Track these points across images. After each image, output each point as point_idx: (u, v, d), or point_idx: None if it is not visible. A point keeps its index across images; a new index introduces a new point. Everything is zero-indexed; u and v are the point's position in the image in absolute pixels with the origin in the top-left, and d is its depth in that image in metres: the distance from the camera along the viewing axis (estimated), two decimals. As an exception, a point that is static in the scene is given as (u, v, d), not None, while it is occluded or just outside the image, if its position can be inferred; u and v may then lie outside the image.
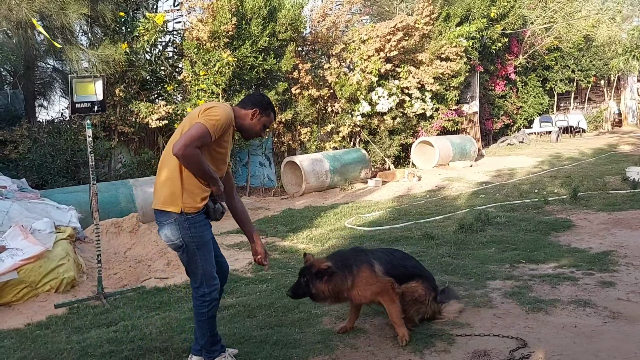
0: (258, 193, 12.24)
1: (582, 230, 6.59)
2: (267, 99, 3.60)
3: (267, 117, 3.54)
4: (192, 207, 3.28)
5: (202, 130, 3.15)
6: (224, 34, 10.62)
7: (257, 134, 3.58)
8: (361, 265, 3.82)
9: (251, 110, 3.47)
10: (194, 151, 3.13)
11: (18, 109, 10.35)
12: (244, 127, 3.49)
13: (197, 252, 3.34)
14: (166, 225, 3.31)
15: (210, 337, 3.45)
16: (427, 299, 3.93)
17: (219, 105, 3.34)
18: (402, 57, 13.73)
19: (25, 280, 5.12)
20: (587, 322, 3.83)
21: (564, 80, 21.07)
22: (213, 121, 3.19)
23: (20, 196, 7.07)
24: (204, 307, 3.39)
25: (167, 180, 3.30)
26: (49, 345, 4.15)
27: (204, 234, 3.36)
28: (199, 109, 3.32)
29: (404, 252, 4.45)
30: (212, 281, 3.41)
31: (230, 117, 3.31)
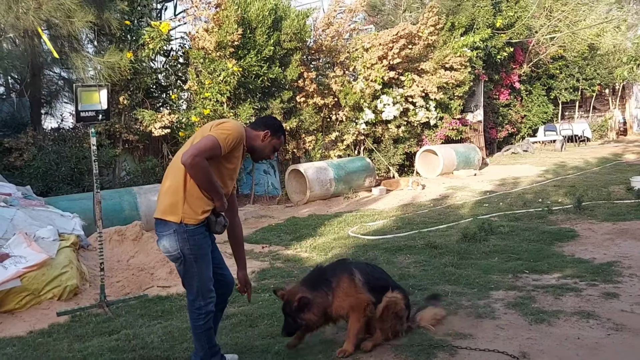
0: (262, 201, 12.25)
1: (586, 240, 6.56)
2: (279, 123, 3.66)
3: (278, 140, 3.58)
4: (193, 219, 3.26)
5: (213, 142, 3.16)
6: (230, 43, 10.68)
7: (267, 155, 3.61)
8: (341, 275, 3.80)
9: (263, 132, 3.50)
10: (203, 162, 3.13)
11: (24, 116, 10.42)
12: (254, 148, 3.52)
13: (194, 264, 3.31)
14: (165, 236, 3.29)
15: (209, 349, 3.43)
16: (404, 315, 3.90)
17: (232, 121, 3.37)
18: (405, 65, 13.77)
19: (28, 287, 5.13)
20: (591, 334, 3.80)
21: (569, 89, 21.07)
22: (225, 135, 3.21)
23: (25, 203, 7.09)
24: (200, 319, 3.36)
25: (170, 189, 3.30)
26: (50, 353, 4.15)
27: (202, 246, 3.34)
28: (212, 123, 3.35)
29: (382, 269, 4.43)
30: (208, 294, 3.38)
31: (242, 134, 3.33)
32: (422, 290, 5.08)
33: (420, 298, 4.83)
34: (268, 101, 11.84)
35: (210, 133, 3.22)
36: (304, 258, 6.72)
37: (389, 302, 3.80)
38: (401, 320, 3.88)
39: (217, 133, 3.21)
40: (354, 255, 6.53)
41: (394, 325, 3.86)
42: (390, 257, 6.35)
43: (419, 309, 4.22)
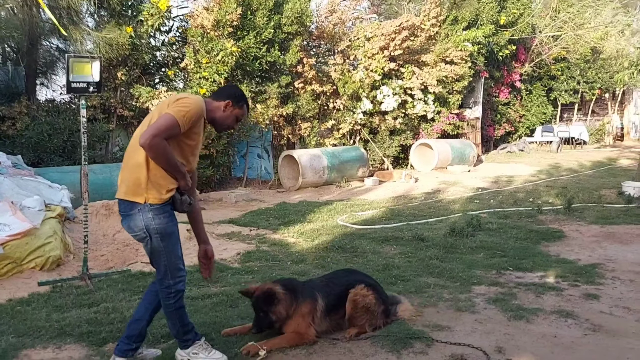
0: (254, 185, 12.24)
1: (572, 241, 6.57)
2: (241, 92, 3.51)
3: (240, 110, 3.45)
4: (157, 199, 3.17)
5: (170, 121, 3.03)
6: (228, 23, 10.59)
7: (229, 126, 3.48)
8: (306, 298, 3.79)
9: (224, 102, 3.37)
10: (161, 142, 3.01)
11: (19, 85, 10.32)
12: (216, 119, 3.39)
13: (160, 243, 3.22)
14: (129, 216, 3.20)
15: (181, 327, 3.39)
16: (377, 309, 3.89)
17: (190, 96, 3.25)
18: (406, 57, 13.71)
19: (11, 256, 5.11)
20: (568, 333, 3.82)
21: (569, 91, 21.06)
22: (183, 112, 3.08)
23: (13, 172, 7.06)
24: (170, 298, 3.30)
25: (133, 170, 3.18)
26: (28, 321, 4.14)
27: (168, 225, 3.24)
28: (170, 99, 3.21)
29: (346, 269, 4.43)
30: (176, 273, 3.31)
31: (202, 109, 3.21)
32: (404, 281, 5.08)
33: (403, 288, 4.85)
34: (265, 85, 11.77)
35: (168, 111, 3.07)
36: (291, 243, 6.72)
37: (353, 297, 3.84)
38: (374, 313, 3.87)
39: (175, 111, 3.07)
40: (340, 243, 6.53)
41: (368, 319, 3.85)
42: (377, 247, 6.35)
43: (397, 302, 4.19)
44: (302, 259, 5.95)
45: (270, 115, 11.80)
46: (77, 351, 3.64)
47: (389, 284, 4.97)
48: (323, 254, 6.14)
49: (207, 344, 3.47)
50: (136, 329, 3.38)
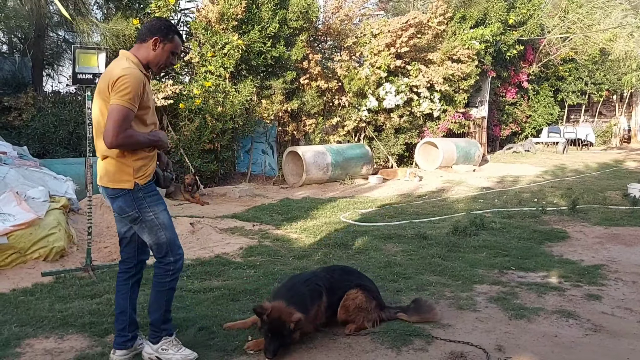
0: (258, 180, 12.25)
1: (576, 242, 6.55)
2: (166, 22, 3.26)
3: (172, 43, 3.22)
4: (147, 176, 3.19)
5: (122, 112, 2.97)
6: (233, 16, 10.59)
7: (167, 63, 3.27)
8: (315, 302, 3.77)
9: (151, 40, 3.16)
10: (126, 135, 3.00)
11: (25, 76, 10.36)
12: (150, 62, 3.19)
13: (156, 221, 3.20)
14: (119, 198, 3.17)
15: (165, 313, 3.32)
16: (370, 305, 3.89)
17: (126, 72, 3.02)
18: (413, 54, 13.67)
19: (15, 246, 5.13)
20: (568, 333, 3.81)
21: (576, 92, 20.97)
22: (127, 96, 2.98)
23: (19, 163, 7.08)
24: (167, 276, 3.26)
25: (113, 161, 3.15)
26: (31, 311, 4.17)
27: (158, 203, 3.24)
28: (107, 83, 3.04)
29: (344, 267, 4.37)
30: (176, 249, 3.28)
31: (140, 79, 3.05)
32: (406, 278, 5.08)
33: (404, 286, 4.85)
34: (271, 80, 11.77)
35: (114, 102, 2.98)
36: (293, 239, 6.72)
37: (344, 303, 3.88)
38: (367, 310, 3.87)
39: (120, 99, 2.97)
40: (342, 240, 6.53)
41: (363, 316, 3.86)
42: (379, 245, 6.35)
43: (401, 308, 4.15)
44: (304, 254, 5.95)
45: (275, 111, 11.81)
46: (79, 341, 3.66)
47: (390, 282, 4.98)
48: (325, 250, 6.14)
49: (177, 340, 3.39)
50: (124, 320, 3.37)
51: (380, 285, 4.77)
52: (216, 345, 3.58)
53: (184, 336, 3.71)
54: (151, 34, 3.18)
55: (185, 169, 10.54)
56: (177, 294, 4.55)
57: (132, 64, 3.11)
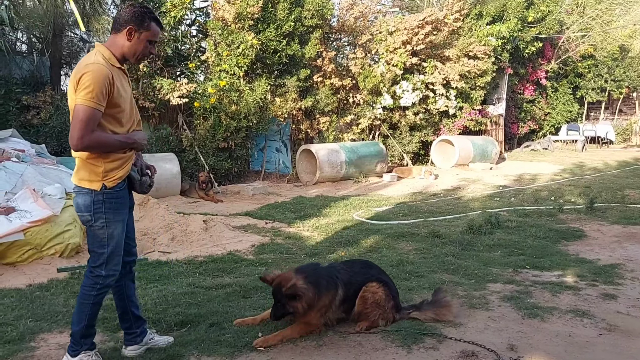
0: (272, 178, 12.28)
1: (593, 241, 6.45)
2: (141, 9, 2.99)
3: (148, 31, 2.99)
4: (116, 179, 3.01)
5: (86, 112, 2.77)
6: (249, 15, 10.62)
7: (145, 53, 3.06)
8: (329, 289, 3.74)
9: (125, 29, 2.95)
10: (92, 137, 2.81)
11: (43, 75, 10.51)
12: (126, 53, 2.99)
13: (105, 230, 3.01)
14: (81, 195, 3.01)
15: (86, 328, 3.12)
16: (387, 304, 3.85)
17: (88, 68, 2.83)
18: (429, 51, 13.58)
19: (31, 242, 5.21)
20: (582, 333, 3.75)
21: (596, 90, 20.64)
22: (89, 94, 2.77)
23: (37, 161, 7.19)
24: (94, 289, 3.06)
25: (85, 161, 2.99)
26: (46, 306, 4.23)
27: (118, 212, 3.06)
28: (74, 80, 2.87)
29: (366, 261, 4.30)
30: (113, 266, 3.09)
31: (105, 75, 2.83)
32: (418, 277, 5.05)
33: (416, 284, 4.81)
34: (284, 78, 11.79)
35: (78, 102, 2.79)
36: (305, 237, 6.73)
37: (363, 294, 3.83)
38: (384, 308, 3.84)
39: (83, 98, 2.78)
40: (355, 238, 6.51)
41: (380, 314, 3.82)
42: (392, 243, 6.32)
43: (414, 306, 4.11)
44: (316, 252, 5.95)
45: (288, 109, 11.82)
46: (92, 336, 3.70)
47: (402, 280, 4.95)
48: (337, 248, 6.13)
49: (97, 356, 3.22)
50: (128, 319, 3.38)
51: (391, 284, 4.75)
52: (227, 342, 3.59)
53: (195, 332, 3.74)
54: (125, 22, 2.95)
55: (200, 167, 10.61)
56: (189, 290, 4.62)
57: (100, 59, 2.90)
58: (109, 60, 2.95)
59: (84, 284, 3.12)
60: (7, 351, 3.42)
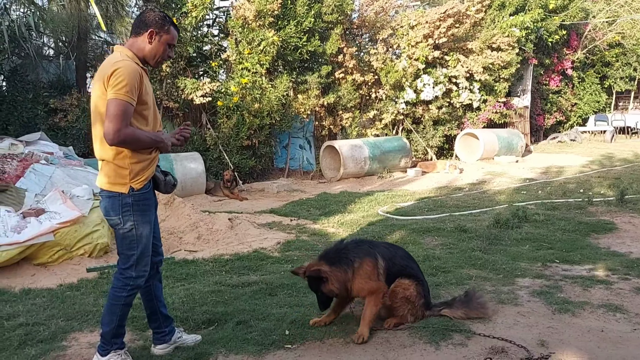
0: (296, 175, 12.30)
1: (624, 233, 6.29)
2: (160, 14, 3.09)
3: (168, 35, 3.09)
4: (143, 180, 3.06)
5: (121, 106, 2.84)
6: (269, 12, 10.64)
7: (164, 56, 3.14)
8: (364, 257, 3.71)
9: (146, 32, 3.03)
10: (127, 131, 2.87)
11: (69, 78, 10.70)
12: (146, 56, 3.07)
13: (134, 232, 3.07)
14: (108, 199, 3.05)
15: (117, 327, 3.17)
16: (418, 301, 3.80)
17: (119, 64, 2.91)
18: (451, 45, 13.42)
19: (61, 243, 5.31)
20: (616, 328, 3.66)
21: (624, 79, 20.10)
22: (123, 89, 2.85)
23: (65, 163, 7.34)
24: (124, 290, 3.13)
25: (112, 164, 3.03)
26: (76, 306, 4.30)
27: (145, 214, 3.11)
28: (102, 78, 2.92)
29: (407, 252, 4.23)
30: (142, 267, 3.15)
31: (136, 70, 2.93)
32: (445, 272, 5.00)
33: (443, 280, 4.76)
34: (306, 75, 11.78)
35: (111, 97, 2.84)
36: (330, 233, 6.72)
37: (394, 288, 3.77)
38: (414, 304, 3.79)
39: (116, 92, 2.83)
40: (380, 234, 6.48)
41: (409, 309, 3.79)
42: (417, 238, 6.26)
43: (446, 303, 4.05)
44: (342, 248, 5.92)
45: (311, 106, 11.81)
46: (122, 335, 3.75)
47: (429, 275, 4.89)
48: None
49: (127, 354, 3.26)
50: (157, 319, 3.42)
51: (418, 279, 4.71)
52: (254, 340, 3.61)
53: (223, 330, 3.77)
54: (146, 26, 3.04)
55: (224, 166, 10.68)
56: (216, 288, 4.65)
57: (126, 57, 2.99)
58: (132, 59, 3.02)
59: (114, 286, 3.17)
60: (40, 350, 3.49)
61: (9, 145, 7.38)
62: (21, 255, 5.08)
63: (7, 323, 3.93)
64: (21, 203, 5.93)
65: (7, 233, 5.04)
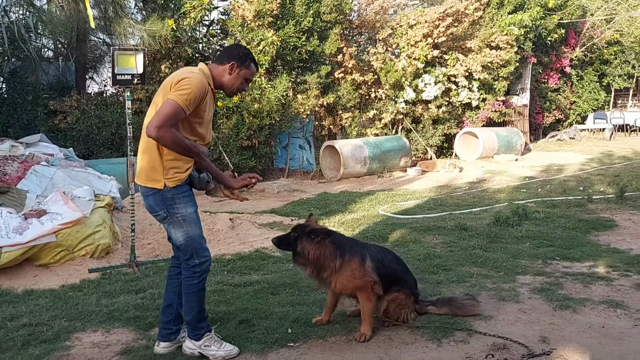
0: (296, 176, 12.31)
1: (624, 230, 6.32)
2: (245, 50, 3.35)
3: (247, 70, 3.32)
4: (176, 180, 3.18)
5: (174, 107, 2.98)
6: (268, 12, 10.66)
7: (239, 89, 3.36)
8: (354, 255, 3.66)
9: (228, 64, 3.26)
10: (169, 131, 2.99)
11: (69, 80, 10.71)
12: (223, 84, 3.30)
13: (183, 223, 3.23)
14: (150, 196, 3.22)
15: (199, 313, 3.35)
16: (409, 302, 3.80)
17: (191, 75, 3.11)
18: (450, 43, 13.44)
19: (63, 244, 5.32)
20: (617, 324, 3.68)
21: (623, 76, 20.14)
22: (184, 96, 3.01)
23: (65, 164, 7.35)
24: (194, 278, 3.29)
25: (148, 157, 3.19)
26: (79, 306, 4.32)
27: (188, 205, 3.25)
28: (172, 80, 3.12)
29: (395, 254, 4.21)
30: (202, 252, 3.30)
31: (204, 86, 3.11)
32: (446, 270, 5.01)
33: (444, 278, 4.78)
34: (305, 75, 11.80)
35: (170, 97, 3.01)
36: (332, 232, 6.72)
37: (388, 302, 3.75)
38: (407, 305, 3.80)
39: (177, 95, 3.00)
40: (381, 233, 6.50)
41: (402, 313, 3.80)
42: (418, 237, 6.28)
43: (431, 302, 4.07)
44: (343, 247, 5.93)
45: (310, 106, 11.82)
46: (125, 335, 3.77)
47: (430, 274, 4.92)
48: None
49: (217, 336, 3.44)
50: (171, 313, 3.45)
51: (419, 278, 4.73)
52: (256, 338, 3.62)
53: (225, 329, 3.78)
54: (229, 58, 3.27)
55: (224, 166, 10.68)
56: (218, 287, 4.66)
57: (201, 72, 3.18)
58: (208, 78, 3.22)
59: (184, 277, 3.32)
60: (44, 350, 3.50)
61: (9, 147, 7.40)
62: (23, 257, 5.09)
63: (10, 324, 3.94)
64: (23, 204, 5.94)
65: (9, 234, 5.05)
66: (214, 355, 3.36)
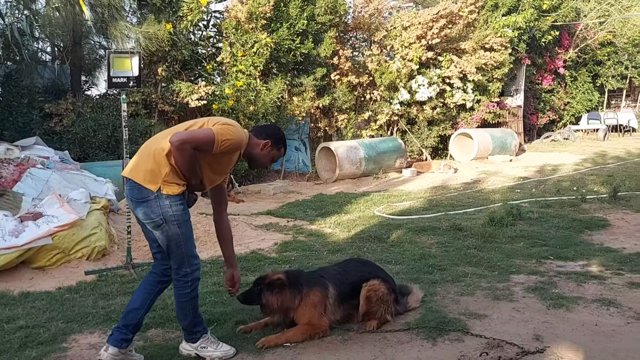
0: (292, 177, 12.33)
1: (617, 230, 6.38)
2: (282, 134, 3.55)
3: (277, 152, 3.50)
4: (175, 190, 3.21)
5: (208, 137, 3.12)
6: (262, 15, 10.69)
7: (264, 165, 3.56)
8: (313, 287, 3.70)
9: (264, 140, 3.42)
10: (190, 150, 3.09)
11: (64, 83, 10.69)
12: (252, 155, 3.47)
13: (178, 230, 3.23)
14: (145, 203, 3.19)
15: (193, 318, 3.37)
16: (390, 298, 3.84)
17: (238, 128, 3.30)
18: (444, 45, 13.50)
19: (59, 246, 5.33)
20: (609, 322, 3.72)
21: (616, 77, 20.26)
22: (224, 138, 3.15)
23: (61, 167, 7.34)
24: (186, 287, 3.30)
25: (153, 161, 3.19)
26: (76, 308, 4.33)
27: (184, 212, 3.27)
28: (221, 119, 3.31)
29: (359, 259, 4.25)
30: (193, 260, 3.31)
31: (241, 143, 3.30)
32: (441, 270, 5.05)
33: (439, 277, 4.82)
34: (301, 77, 11.83)
35: (214, 128, 3.16)
36: (327, 233, 6.76)
37: (367, 294, 3.78)
38: (387, 303, 3.82)
39: (219, 131, 3.15)
40: (377, 234, 6.53)
41: (384, 309, 3.81)
42: (413, 237, 6.32)
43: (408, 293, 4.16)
44: (339, 249, 5.98)
45: (306, 108, 11.85)
46: (121, 336, 3.77)
47: (425, 274, 4.96)
48: (359, 244, 6.15)
49: (214, 337, 3.48)
50: (134, 318, 3.34)
51: (415, 278, 4.78)
52: (253, 339, 3.63)
53: (222, 330, 3.80)
54: (266, 135, 3.45)
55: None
56: (215, 289, 4.68)
57: (245, 134, 3.37)
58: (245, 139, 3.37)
59: (175, 286, 3.34)
60: (41, 352, 3.51)
61: (4, 150, 7.38)
62: (19, 259, 5.10)
63: (7, 326, 3.95)
64: (18, 207, 5.94)
65: (5, 237, 5.05)
66: (211, 356, 3.38)
